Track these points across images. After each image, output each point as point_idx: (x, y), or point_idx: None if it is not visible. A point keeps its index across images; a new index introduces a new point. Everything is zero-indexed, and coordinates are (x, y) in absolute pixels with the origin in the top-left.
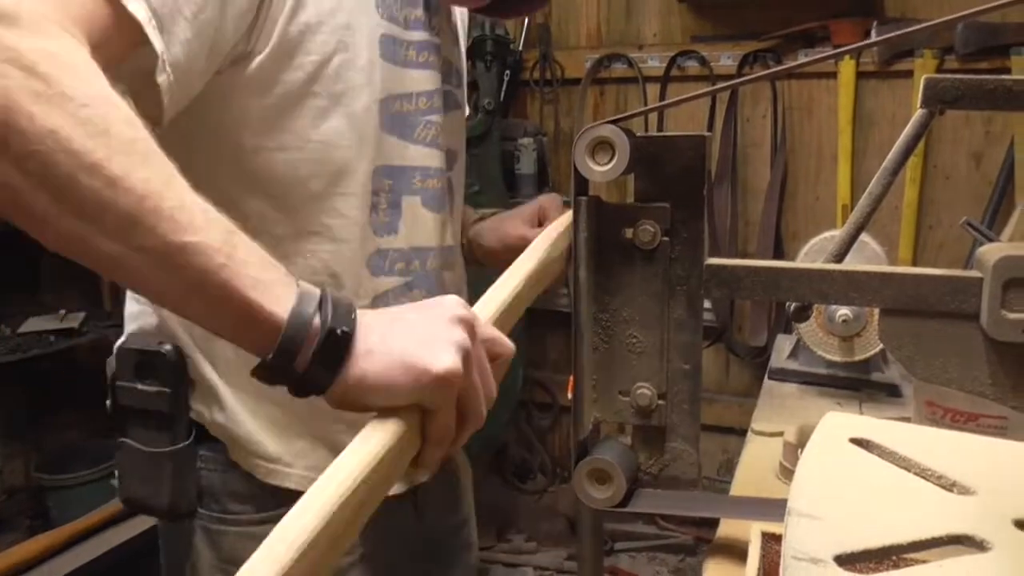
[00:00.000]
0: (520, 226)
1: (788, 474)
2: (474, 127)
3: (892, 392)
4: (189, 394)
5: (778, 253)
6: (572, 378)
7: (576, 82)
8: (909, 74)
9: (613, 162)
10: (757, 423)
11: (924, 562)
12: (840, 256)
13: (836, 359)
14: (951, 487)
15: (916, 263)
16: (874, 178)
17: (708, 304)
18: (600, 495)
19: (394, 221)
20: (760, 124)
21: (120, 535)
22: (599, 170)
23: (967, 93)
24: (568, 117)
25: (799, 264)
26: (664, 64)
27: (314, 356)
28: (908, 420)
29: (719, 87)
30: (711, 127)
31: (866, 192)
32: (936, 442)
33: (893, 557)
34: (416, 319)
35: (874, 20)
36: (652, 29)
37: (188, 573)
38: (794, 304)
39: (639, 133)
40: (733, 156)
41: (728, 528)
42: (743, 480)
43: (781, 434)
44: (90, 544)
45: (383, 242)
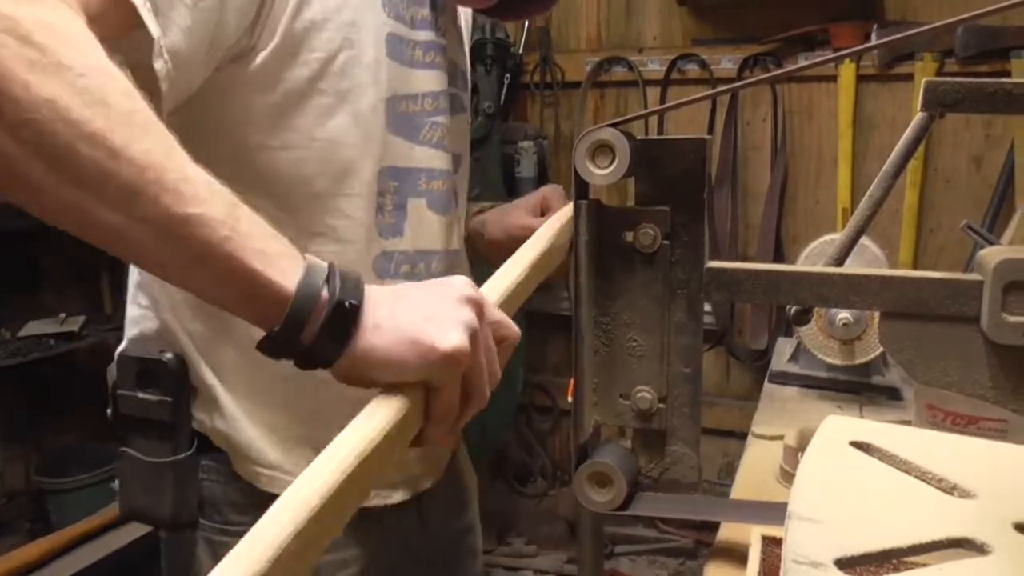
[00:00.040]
0: (524, 216)
1: (788, 477)
2: (474, 131)
3: (892, 395)
4: (191, 403)
5: (778, 256)
6: (572, 381)
7: (576, 85)
8: (909, 77)
9: (613, 165)
10: (757, 426)
11: (924, 565)
12: (840, 259)
13: (836, 362)
14: (951, 490)
15: (916, 266)
16: (874, 181)
17: (708, 307)
18: (600, 498)
19: (400, 223)
20: (760, 127)
21: (120, 539)
22: (599, 173)
23: (967, 96)
24: (568, 120)
25: (799, 267)
26: (664, 67)
27: (322, 328)
28: (909, 423)
29: (719, 90)
30: (711, 130)
31: (866, 195)
32: (936, 445)
33: (893, 560)
34: (425, 296)
35: (874, 23)
36: (652, 32)
37: None
38: (794, 307)
39: (639, 136)
40: (733, 159)
41: (728, 532)
42: (743, 483)
43: (781, 437)
44: (90, 547)
45: (388, 244)
